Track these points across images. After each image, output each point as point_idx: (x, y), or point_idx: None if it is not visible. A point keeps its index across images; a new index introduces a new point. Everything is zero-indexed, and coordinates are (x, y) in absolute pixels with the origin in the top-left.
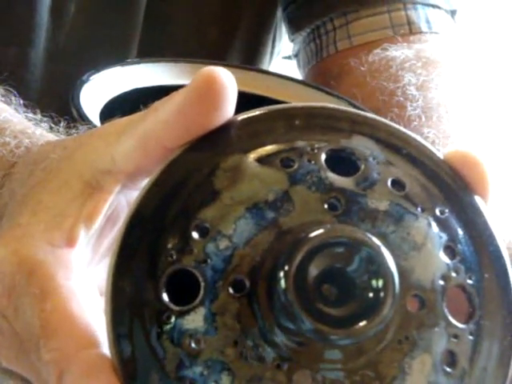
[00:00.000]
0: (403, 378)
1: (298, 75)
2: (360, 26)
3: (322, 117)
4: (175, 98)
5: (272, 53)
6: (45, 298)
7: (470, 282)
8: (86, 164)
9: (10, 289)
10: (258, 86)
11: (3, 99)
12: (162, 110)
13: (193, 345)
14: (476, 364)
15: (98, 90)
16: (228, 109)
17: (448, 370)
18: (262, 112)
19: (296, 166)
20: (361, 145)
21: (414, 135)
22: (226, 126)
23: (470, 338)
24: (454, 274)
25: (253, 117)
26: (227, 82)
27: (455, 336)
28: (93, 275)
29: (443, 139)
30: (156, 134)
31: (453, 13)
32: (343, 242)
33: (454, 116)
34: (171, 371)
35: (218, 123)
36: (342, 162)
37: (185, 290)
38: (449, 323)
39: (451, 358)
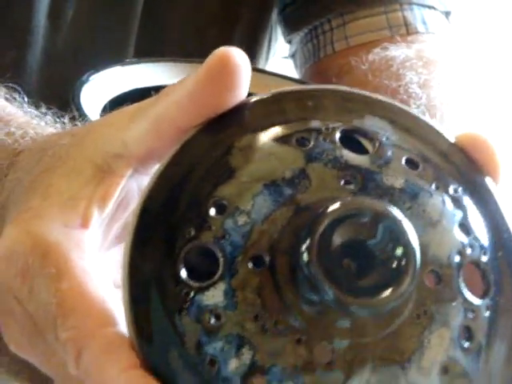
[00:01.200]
0: (422, 352)
1: (296, 75)
2: (357, 27)
3: (335, 98)
4: (188, 80)
5: (268, 54)
6: (61, 277)
7: (484, 259)
8: (97, 149)
9: (24, 270)
10: (257, 86)
11: (7, 96)
12: (175, 92)
13: (213, 320)
14: (492, 339)
15: (98, 90)
16: (242, 90)
17: (465, 344)
18: (275, 93)
19: (311, 145)
20: (374, 125)
21: (425, 118)
22: (240, 107)
23: (486, 313)
24: (469, 251)
25: (266, 98)
26: (241, 61)
27: (472, 311)
28: (103, 261)
29: None
30: (169, 115)
31: (447, 14)
32: (364, 214)
33: (456, 114)
34: (191, 347)
35: (232, 104)
36: (356, 141)
37: (203, 269)
38: (465, 299)
39: (468, 333)
